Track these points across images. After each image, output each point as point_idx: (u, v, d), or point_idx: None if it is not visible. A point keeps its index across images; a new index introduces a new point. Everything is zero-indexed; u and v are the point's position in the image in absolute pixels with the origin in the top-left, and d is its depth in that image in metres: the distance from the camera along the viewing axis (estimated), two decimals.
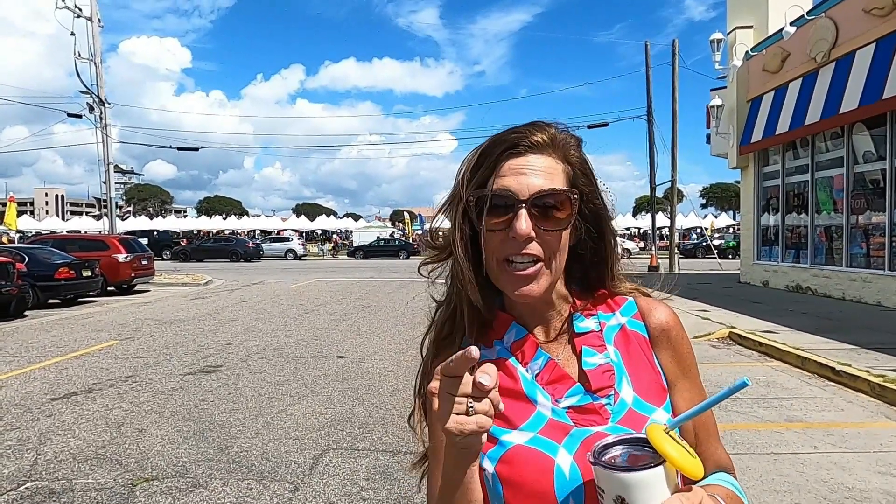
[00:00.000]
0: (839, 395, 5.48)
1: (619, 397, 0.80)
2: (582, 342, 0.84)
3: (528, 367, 0.83)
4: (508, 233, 0.77)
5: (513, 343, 0.85)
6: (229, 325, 10.11)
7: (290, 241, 40.65)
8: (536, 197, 0.77)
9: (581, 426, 0.78)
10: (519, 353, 0.84)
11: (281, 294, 15.42)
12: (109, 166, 21.16)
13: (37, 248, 14.53)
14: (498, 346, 0.85)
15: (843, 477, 3.65)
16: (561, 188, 0.79)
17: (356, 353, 7.63)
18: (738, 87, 14.80)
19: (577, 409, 0.79)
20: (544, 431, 0.78)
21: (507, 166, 0.79)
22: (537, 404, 0.80)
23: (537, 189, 0.77)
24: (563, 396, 0.80)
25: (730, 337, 8.33)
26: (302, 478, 3.71)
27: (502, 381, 0.81)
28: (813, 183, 12.59)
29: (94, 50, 20.42)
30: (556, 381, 0.81)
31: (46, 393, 5.75)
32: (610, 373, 0.81)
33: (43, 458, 4.05)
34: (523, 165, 0.79)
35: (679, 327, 0.88)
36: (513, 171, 0.79)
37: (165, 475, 3.74)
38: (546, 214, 0.78)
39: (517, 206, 0.77)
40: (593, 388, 0.80)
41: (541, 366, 0.83)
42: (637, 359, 0.84)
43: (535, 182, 0.78)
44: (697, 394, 0.86)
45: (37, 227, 44.79)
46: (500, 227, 0.78)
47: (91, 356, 7.54)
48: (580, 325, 0.85)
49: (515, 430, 0.79)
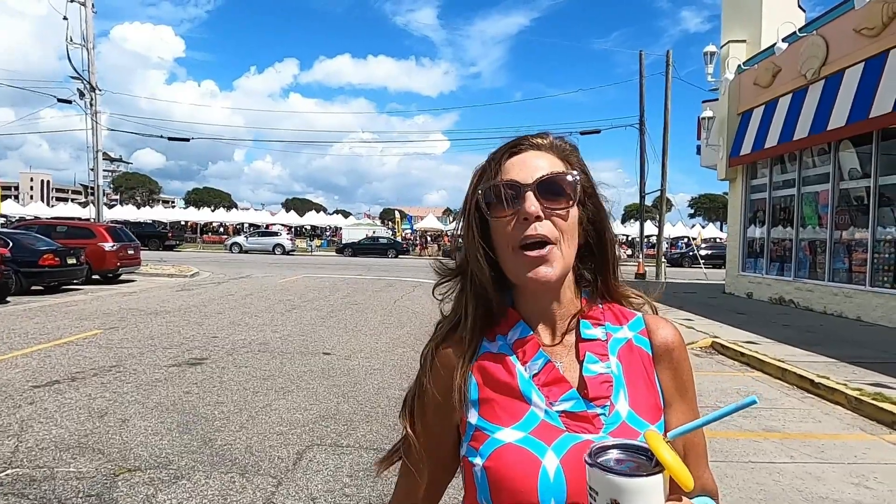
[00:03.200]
0: (817, 407, 5.58)
1: (615, 409, 0.80)
2: (587, 348, 0.85)
3: (527, 367, 0.84)
4: (518, 217, 0.80)
5: (515, 340, 0.86)
6: (215, 317, 10.07)
7: (278, 236, 40.49)
8: (540, 181, 0.81)
9: (572, 432, 0.79)
10: (520, 351, 0.85)
11: (268, 289, 15.36)
12: (98, 153, 20.94)
13: (21, 233, 14.36)
14: (500, 340, 0.87)
15: (818, 487, 3.74)
16: (562, 170, 0.84)
17: (342, 350, 7.64)
18: (729, 100, 14.99)
19: (571, 414, 0.80)
20: (536, 432, 0.79)
21: (510, 162, 0.85)
22: (531, 404, 0.81)
23: (540, 174, 0.82)
24: (557, 400, 0.81)
25: (712, 346, 8.45)
26: (285, 472, 3.72)
27: (499, 376, 0.84)
28: (799, 197, 12.78)
29: (87, 35, 20.21)
30: (553, 383, 0.82)
31: (28, 380, 5.70)
32: (608, 384, 0.82)
33: (24, 445, 4.02)
34: (525, 160, 0.85)
35: (682, 348, 0.89)
36: (516, 164, 0.84)
37: (148, 466, 3.74)
38: (552, 195, 0.81)
39: (523, 191, 0.81)
40: (590, 397, 0.81)
41: (539, 366, 0.84)
42: (637, 374, 0.84)
43: (537, 170, 0.83)
44: (692, 415, 0.86)
45: (21, 213, 44.19)
46: (510, 214, 0.81)
47: (75, 344, 7.48)
48: (587, 332, 0.86)
49: (508, 428, 0.80)
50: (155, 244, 35.50)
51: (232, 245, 38.63)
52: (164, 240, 37.92)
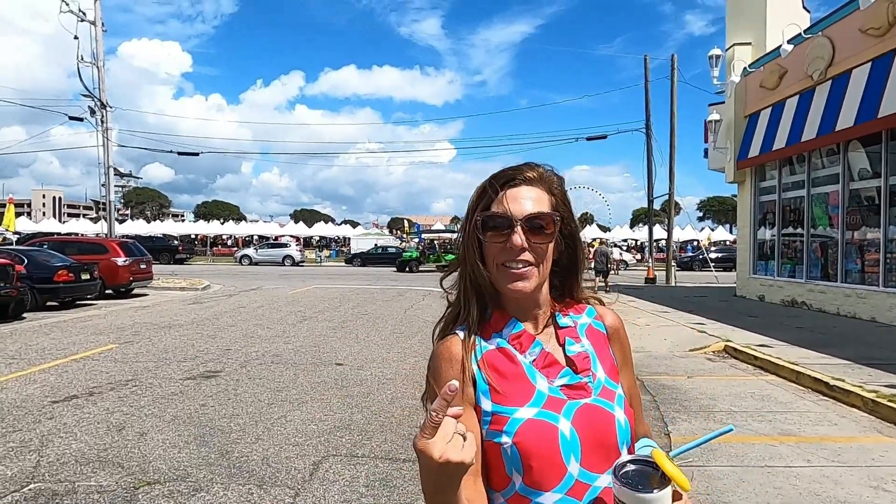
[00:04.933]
0: (833, 410, 5.54)
1: (596, 377, 1.04)
2: (565, 334, 1.08)
3: (526, 354, 1.03)
4: (507, 244, 0.99)
5: (511, 335, 1.05)
6: (228, 330, 10.14)
7: (287, 248, 40.66)
8: (528, 218, 1.00)
9: (572, 399, 1.00)
10: (517, 343, 1.04)
11: (279, 300, 15.44)
12: (109, 169, 21.19)
13: (36, 250, 14.55)
14: (497, 338, 1.05)
15: (836, 490, 3.72)
16: (547, 211, 1.03)
17: (355, 360, 7.67)
18: (735, 103, 14.96)
19: (568, 386, 1.01)
20: (546, 406, 0.98)
21: (506, 194, 1.03)
22: (536, 384, 1.00)
23: (529, 212, 1.01)
24: (556, 377, 1.02)
25: (725, 350, 8.40)
26: (302, 483, 3.75)
27: (506, 366, 1.02)
28: (809, 199, 12.72)
29: (97, 53, 20.52)
30: (550, 365, 1.03)
31: (47, 395, 5.78)
32: (588, 358, 1.05)
33: (45, 460, 4.08)
34: (518, 194, 1.03)
35: (624, 329, 1.16)
36: (510, 198, 1.02)
37: (167, 479, 3.78)
38: (536, 231, 1.01)
39: (514, 225, 1.00)
40: (579, 370, 1.03)
41: (537, 353, 1.04)
42: (601, 349, 1.09)
43: (527, 206, 1.01)
44: (632, 378, 1.14)
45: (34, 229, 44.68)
46: (501, 240, 1.01)
47: (91, 359, 7.57)
48: (562, 321, 1.09)
49: (523, 407, 0.98)
50: (166, 258, 35.77)
51: (242, 257, 38.83)
52: (175, 253, 38.19)
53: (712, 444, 4.53)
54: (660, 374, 6.94)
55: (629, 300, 15.03)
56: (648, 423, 1.46)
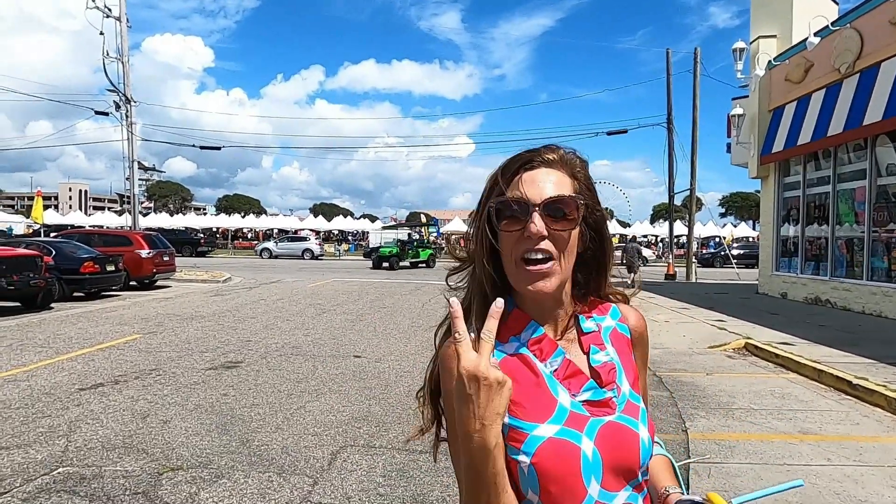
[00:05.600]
0: (855, 409, 5.46)
1: (621, 391, 0.94)
2: (589, 341, 0.97)
3: (547, 363, 0.93)
4: (524, 233, 0.89)
5: (531, 339, 0.94)
6: (249, 322, 10.30)
7: (307, 241, 41.03)
8: (548, 202, 0.89)
9: (596, 416, 0.91)
10: (537, 349, 0.94)
11: (298, 293, 15.61)
12: (134, 163, 21.58)
13: (63, 242, 14.89)
14: (515, 342, 0.95)
15: (857, 490, 3.67)
16: (569, 194, 0.92)
17: (373, 353, 7.75)
18: (759, 97, 14.71)
19: (592, 402, 0.92)
20: (568, 423, 0.90)
21: (522, 178, 0.92)
22: (558, 398, 0.91)
23: (548, 195, 0.90)
24: (579, 391, 0.93)
25: (745, 348, 8.31)
26: (321, 472, 3.82)
27: (525, 375, 0.92)
28: (834, 194, 12.47)
29: (122, 49, 20.87)
30: (572, 376, 0.93)
31: (75, 383, 5.94)
32: (613, 370, 0.95)
33: (73, 445, 4.21)
34: (536, 177, 0.92)
35: (647, 329, 1.06)
36: (527, 182, 0.91)
37: (190, 465, 3.88)
38: (556, 216, 0.90)
39: (531, 210, 0.89)
40: (604, 384, 0.93)
41: (559, 363, 0.94)
42: (625, 356, 0.99)
43: (546, 190, 0.90)
44: (646, 381, 1.07)
45: (61, 222, 45.69)
46: (518, 227, 0.90)
47: (116, 349, 7.75)
48: (586, 326, 0.99)
49: (543, 424, 0.89)
50: (188, 250, 36.36)
51: (262, 250, 39.32)
52: (197, 246, 38.78)
53: (731, 440, 4.53)
54: (678, 371, 6.89)
55: (649, 296, 14.90)
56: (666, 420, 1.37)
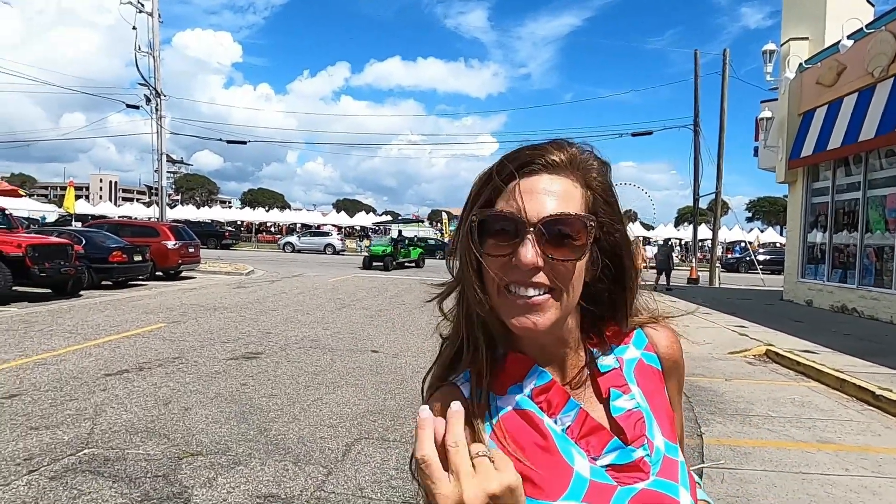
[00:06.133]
0: (877, 420, 5.36)
1: (654, 446, 0.74)
2: (607, 382, 0.76)
3: (557, 419, 0.74)
4: (512, 258, 0.69)
5: (534, 389, 0.74)
6: (270, 314, 10.47)
7: (329, 236, 41.40)
8: (546, 222, 0.69)
9: (624, 484, 0.71)
10: (544, 401, 0.74)
11: (319, 288, 15.80)
12: (163, 156, 22.03)
13: (93, 231, 15.28)
14: (515, 392, 0.75)
15: (874, 501, 3.62)
16: (575, 213, 0.70)
17: (390, 348, 7.82)
18: (789, 100, 14.44)
19: (618, 466, 0.72)
20: (589, 497, 0.70)
21: (517, 186, 0.71)
22: (574, 465, 0.71)
23: (548, 213, 0.69)
24: (600, 453, 0.72)
25: (766, 355, 8.19)
26: (335, 463, 3.89)
27: (530, 438, 0.72)
28: (864, 201, 12.19)
29: (153, 44, 21.32)
30: (590, 434, 0.73)
31: (101, 368, 6.12)
32: (641, 420, 0.75)
33: (98, 427, 4.35)
34: (535, 186, 0.71)
35: (682, 350, 0.85)
36: (523, 191, 0.70)
37: (209, 451, 3.99)
38: (557, 242, 0.69)
39: (523, 231, 0.68)
40: (630, 440, 0.73)
41: (572, 417, 0.74)
42: (655, 395, 0.78)
43: (546, 205, 0.70)
44: (682, 416, 0.86)
45: (92, 212, 46.80)
46: (504, 252, 0.69)
47: (141, 337, 7.95)
48: (602, 363, 0.78)
49: (557, 501, 0.69)
50: (213, 243, 36.97)
51: (285, 245, 39.79)
52: (222, 239, 39.42)
53: (746, 446, 4.49)
54: (696, 376, 6.83)
55: (669, 300, 14.75)
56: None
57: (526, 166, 0.72)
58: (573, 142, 0.76)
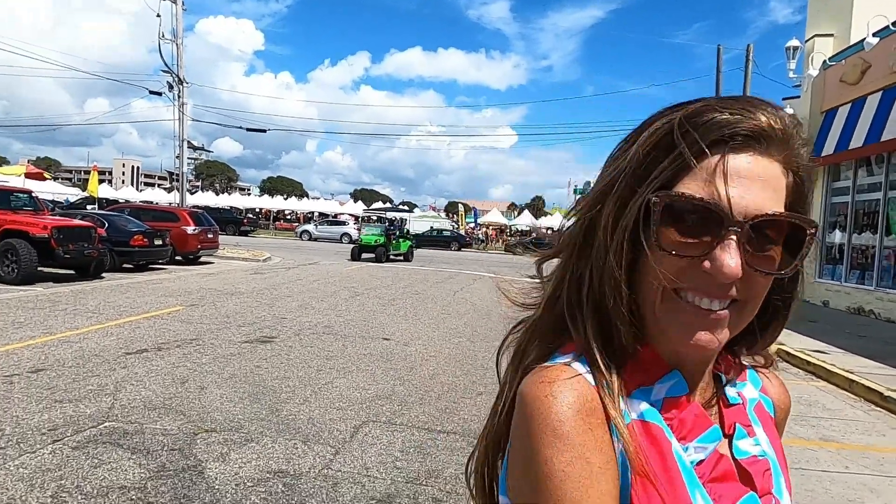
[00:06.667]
0: (883, 421, 5.37)
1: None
2: (733, 417, 0.63)
3: (688, 448, 0.57)
4: (700, 261, 0.53)
5: (666, 399, 0.59)
6: (285, 300, 10.66)
7: (345, 226, 41.74)
8: (760, 221, 0.53)
9: None
10: (676, 419, 0.58)
11: (334, 276, 16.00)
12: (184, 142, 22.36)
13: (116, 215, 15.62)
14: (642, 397, 0.58)
15: (872, 499, 3.66)
16: (798, 217, 0.55)
17: (401, 336, 7.96)
18: (812, 98, 14.23)
19: None
20: None
21: (715, 164, 0.53)
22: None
23: (764, 211, 0.53)
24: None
25: (777, 354, 8.14)
26: (343, 444, 4.02)
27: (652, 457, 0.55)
28: (885, 202, 12.02)
29: (177, 31, 21.60)
30: (723, 480, 0.58)
31: (122, 347, 6.33)
32: (769, 472, 0.63)
33: (118, 403, 4.54)
34: (748, 169, 0.53)
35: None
36: (733, 173, 0.53)
37: (223, 428, 4.14)
38: (763, 247, 0.54)
39: (726, 230, 0.52)
40: (760, 494, 0.60)
41: (708, 451, 0.59)
42: (775, 443, 0.67)
43: (759, 198, 0.53)
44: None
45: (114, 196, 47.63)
46: (692, 252, 0.53)
47: (160, 318, 8.18)
48: (730, 394, 0.65)
49: None
50: (231, 229, 37.46)
51: (302, 233, 40.24)
52: (240, 225, 39.94)
53: None
54: None
55: None
56: None
57: (731, 138, 0.53)
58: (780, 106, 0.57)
